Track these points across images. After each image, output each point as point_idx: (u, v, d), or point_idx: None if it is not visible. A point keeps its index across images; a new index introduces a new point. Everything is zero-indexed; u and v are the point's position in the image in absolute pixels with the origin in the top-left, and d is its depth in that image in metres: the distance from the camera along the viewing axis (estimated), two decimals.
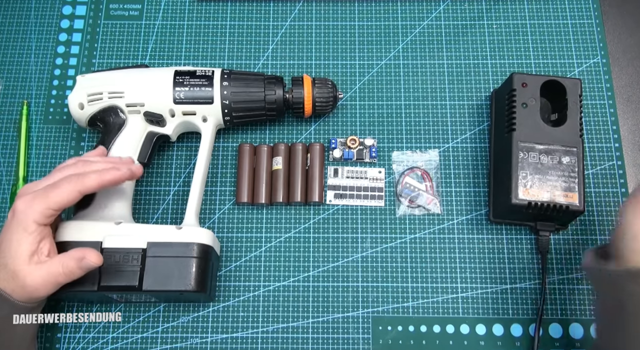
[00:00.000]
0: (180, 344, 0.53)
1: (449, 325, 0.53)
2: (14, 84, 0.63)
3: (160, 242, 0.48)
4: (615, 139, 0.60)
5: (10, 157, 0.60)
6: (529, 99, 0.54)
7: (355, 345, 0.53)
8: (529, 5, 0.66)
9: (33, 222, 0.43)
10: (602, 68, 0.63)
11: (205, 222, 0.57)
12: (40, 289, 0.44)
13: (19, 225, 0.43)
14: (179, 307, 0.54)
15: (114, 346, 0.53)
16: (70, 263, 0.44)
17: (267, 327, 0.53)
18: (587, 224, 0.56)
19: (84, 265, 0.44)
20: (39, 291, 0.44)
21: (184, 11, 0.66)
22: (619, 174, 0.58)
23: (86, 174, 0.45)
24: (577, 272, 0.55)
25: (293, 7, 0.66)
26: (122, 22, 0.66)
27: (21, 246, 0.43)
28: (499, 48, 0.64)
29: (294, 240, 0.56)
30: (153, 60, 0.64)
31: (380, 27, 0.65)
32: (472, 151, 0.60)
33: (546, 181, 0.52)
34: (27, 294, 0.44)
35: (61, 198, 0.44)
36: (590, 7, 0.65)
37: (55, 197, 0.43)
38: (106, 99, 0.53)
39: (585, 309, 0.53)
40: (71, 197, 0.44)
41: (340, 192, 0.58)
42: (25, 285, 0.43)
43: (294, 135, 0.60)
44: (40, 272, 0.43)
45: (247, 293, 0.54)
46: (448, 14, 0.66)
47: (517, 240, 0.56)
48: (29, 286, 0.43)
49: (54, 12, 0.66)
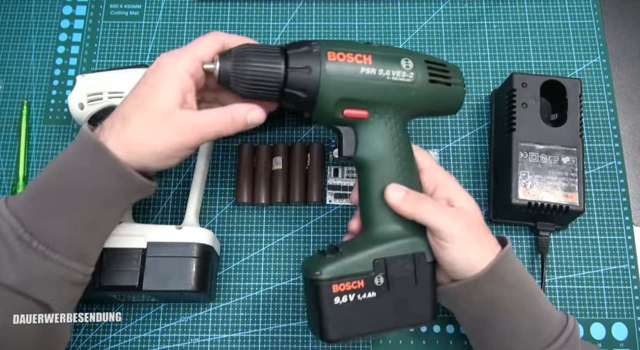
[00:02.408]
0: (180, 344, 0.53)
1: (449, 325, 0.53)
2: (14, 84, 0.63)
3: (160, 242, 0.48)
4: (615, 139, 0.60)
5: (10, 157, 0.60)
6: (529, 99, 0.54)
7: (355, 345, 0.52)
8: (529, 5, 0.66)
9: (183, 69, 0.40)
10: (602, 68, 0.63)
11: (205, 222, 0.57)
12: (189, 136, 0.40)
13: (166, 70, 0.40)
14: (179, 307, 0.54)
15: (114, 346, 0.53)
16: (238, 112, 0.42)
17: (267, 327, 0.53)
18: (587, 224, 0.56)
19: (249, 120, 0.42)
20: (186, 138, 0.40)
21: (184, 11, 0.66)
22: (619, 174, 0.58)
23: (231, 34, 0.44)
24: (577, 272, 0.55)
25: (293, 7, 0.66)
26: (122, 22, 0.66)
27: (172, 90, 0.40)
28: (499, 48, 0.64)
29: (294, 240, 0.56)
30: (153, 60, 0.63)
31: (380, 27, 0.65)
32: (472, 151, 0.60)
33: (546, 181, 0.52)
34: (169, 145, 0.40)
35: (204, 48, 0.42)
36: (590, 7, 0.65)
37: (200, 47, 0.42)
38: (106, 99, 0.53)
39: (585, 309, 0.53)
40: (215, 48, 0.42)
41: (340, 192, 0.58)
42: (176, 130, 0.40)
43: (294, 135, 0.60)
44: (195, 117, 0.40)
45: (247, 293, 0.54)
46: (448, 14, 0.66)
47: (517, 240, 0.56)
48: (178, 131, 0.40)
49: (54, 12, 0.66)
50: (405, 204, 0.42)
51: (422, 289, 0.43)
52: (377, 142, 0.43)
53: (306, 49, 0.42)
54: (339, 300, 0.41)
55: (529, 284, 0.44)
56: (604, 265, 0.55)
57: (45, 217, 0.38)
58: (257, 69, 0.41)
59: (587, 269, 0.55)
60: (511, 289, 0.43)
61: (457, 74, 0.45)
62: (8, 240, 0.37)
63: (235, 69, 0.41)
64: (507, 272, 0.43)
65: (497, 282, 0.42)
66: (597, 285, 0.54)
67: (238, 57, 0.41)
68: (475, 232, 0.43)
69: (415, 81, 0.43)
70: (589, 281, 0.54)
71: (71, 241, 0.39)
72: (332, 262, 0.41)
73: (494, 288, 0.42)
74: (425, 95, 0.44)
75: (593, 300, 0.54)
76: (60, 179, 0.39)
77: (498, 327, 0.43)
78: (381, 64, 0.42)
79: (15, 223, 0.37)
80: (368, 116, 0.43)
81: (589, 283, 0.54)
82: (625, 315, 0.53)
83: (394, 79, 0.42)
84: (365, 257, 0.42)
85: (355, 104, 0.43)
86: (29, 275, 0.37)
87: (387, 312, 0.42)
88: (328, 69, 0.41)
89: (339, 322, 0.41)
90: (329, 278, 0.41)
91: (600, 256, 0.55)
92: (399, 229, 0.43)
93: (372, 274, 0.42)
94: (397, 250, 0.42)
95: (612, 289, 0.54)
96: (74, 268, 0.39)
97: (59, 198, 0.39)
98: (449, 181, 0.46)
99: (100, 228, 0.41)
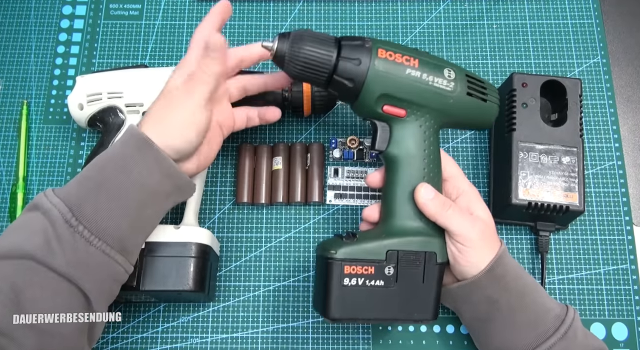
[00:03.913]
0: (180, 344, 0.53)
1: (449, 325, 0.53)
2: (14, 84, 0.63)
3: (158, 242, 0.48)
4: (615, 139, 0.60)
5: (10, 157, 0.60)
6: (529, 99, 0.54)
7: (355, 345, 0.52)
8: (529, 5, 0.66)
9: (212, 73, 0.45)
10: (602, 68, 0.62)
11: (205, 222, 0.57)
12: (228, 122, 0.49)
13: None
14: (179, 307, 0.54)
15: (114, 346, 0.53)
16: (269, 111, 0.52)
17: (267, 327, 0.53)
18: (587, 224, 0.56)
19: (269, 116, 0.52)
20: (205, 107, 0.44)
21: (184, 11, 0.66)
22: (619, 174, 0.58)
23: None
24: (577, 272, 0.55)
25: (293, 7, 0.66)
26: (122, 22, 0.66)
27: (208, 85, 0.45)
28: (499, 48, 0.64)
29: (294, 240, 0.56)
30: (153, 60, 0.64)
31: (380, 27, 0.65)
32: (472, 151, 0.60)
33: (546, 181, 0.52)
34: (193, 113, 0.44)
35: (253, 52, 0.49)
36: (590, 7, 0.65)
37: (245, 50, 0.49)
38: (105, 99, 0.53)
39: (585, 309, 0.53)
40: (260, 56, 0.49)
41: (340, 192, 0.58)
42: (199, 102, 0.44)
43: (294, 135, 0.60)
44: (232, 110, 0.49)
45: (247, 293, 0.54)
46: (448, 14, 0.66)
47: (517, 240, 0.56)
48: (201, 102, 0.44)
49: (54, 12, 0.66)
50: (433, 205, 0.44)
51: (428, 286, 0.45)
52: (410, 141, 0.46)
53: (359, 42, 0.44)
54: (348, 281, 0.43)
55: (525, 282, 0.46)
56: (604, 265, 0.55)
57: (92, 206, 0.40)
58: (310, 52, 0.43)
59: (587, 269, 0.55)
60: (509, 287, 0.45)
61: (493, 93, 0.48)
62: (56, 223, 0.38)
63: (292, 50, 0.43)
64: (505, 271, 0.45)
65: (496, 281, 0.44)
66: (597, 285, 0.54)
67: (295, 39, 0.44)
68: (488, 240, 0.45)
69: (454, 91, 0.45)
70: (589, 281, 0.54)
71: (115, 232, 0.40)
72: (348, 244, 0.44)
73: (492, 287, 0.44)
74: (461, 106, 0.46)
75: (593, 300, 0.54)
76: (106, 171, 0.41)
77: (497, 325, 0.45)
78: (426, 69, 0.44)
79: (64, 208, 0.39)
80: (405, 115, 0.45)
81: (589, 283, 0.54)
82: (625, 315, 0.53)
83: (435, 85, 0.45)
84: (379, 246, 0.44)
85: (395, 101, 0.45)
86: (74, 258, 0.38)
87: (391, 302, 0.44)
88: (377, 64, 0.44)
89: (343, 302, 0.43)
90: (342, 258, 0.43)
91: (600, 256, 0.55)
92: (416, 226, 0.45)
93: (384, 263, 0.44)
94: (410, 245, 0.44)
95: (612, 289, 0.54)
96: (115, 259, 0.41)
97: (105, 190, 0.40)
98: (472, 192, 0.48)
99: (141, 226, 0.43)
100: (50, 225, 0.39)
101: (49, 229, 0.38)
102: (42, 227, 0.39)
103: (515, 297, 0.45)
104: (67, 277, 0.38)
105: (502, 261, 0.45)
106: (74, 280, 0.39)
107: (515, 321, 0.44)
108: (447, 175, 0.48)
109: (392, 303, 0.44)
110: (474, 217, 0.46)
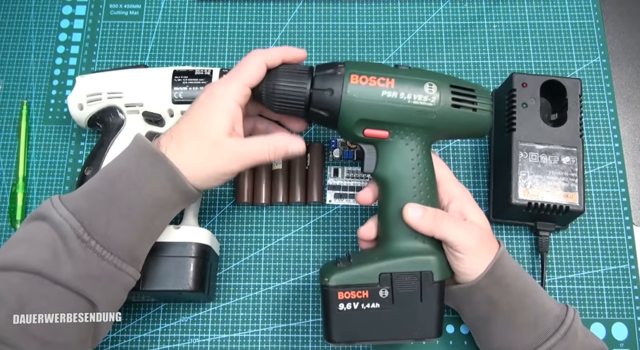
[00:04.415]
0: (180, 344, 0.53)
1: (449, 325, 0.53)
2: (14, 84, 0.63)
3: (158, 242, 0.48)
4: (615, 139, 0.60)
5: (10, 157, 0.60)
6: (529, 99, 0.54)
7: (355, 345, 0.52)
8: (529, 5, 0.66)
9: (232, 100, 0.43)
10: (602, 68, 0.62)
11: (205, 222, 0.57)
12: (234, 163, 0.44)
13: (218, 102, 0.43)
14: (179, 307, 0.54)
15: (114, 346, 0.53)
16: (280, 143, 0.45)
17: (267, 327, 0.53)
18: (587, 224, 0.56)
19: (290, 151, 0.46)
20: (232, 165, 0.44)
21: (184, 11, 0.66)
22: (619, 174, 0.58)
23: (269, 48, 0.46)
24: (577, 272, 0.55)
25: (293, 7, 0.66)
26: (122, 22, 0.66)
27: (223, 121, 0.43)
28: (499, 48, 0.64)
29: (294, 240, 0.56)
30: (153, 60, 0.64)
31: (380, 27, 0.65)
32: (472, 151, 0.60)
33: (546, 181, 0.52)
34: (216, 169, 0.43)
35: (251, 71, 0.44)
36: (590, 7, 0.65)
37: (245, 73, 0.44)
38: (105, 100, 0.53)
39: (585, 309, 0.53)
40: (259, 70, 0.45)
41: (340, 192, 0.58)
42: (224, 157, 0.43)
43: None
44: (241, 146, 0.44)
45: (247, 293, 0.54)
46: (448, 14, 0.65)
47: (517, 240, 0.56)
48: (226, 158, 0.43)
49: (54, 12, 0.66)
50: (424, 222, 0.44)
51: (427, 306, 0.44)
52: (397, 161, 0.45)
53: (331, 71, 0.44)
54: (344, 306, 0.43)
55: (525, 282, 0.46)
56: (604, 265, 0.55)
57: (104, 221, 0.40)
58: (285, 88, 0.44)
59: (587, 269, 0.55)
60: (509, 288, 0.45)
61: (485, 99, 0.45)
62: (68, 238, 0.38)
63: (267, 87, 0.45)
64: (504, 272, 0.45)
65: (496, 283, 0.44)
66: (597, 285, 0.54)
67: (270, 76, 0.45)
68: (487, 245, 0.45)
69: (437, 105, 0.44)
70: (589, 281, 0.54)
71: (126, 245, 0.41)
72: (341, 270, 0.44)
73: (493, 289, 0.44)
74: (447, 119, 0.44)
75: (593, 300, 0.54)
76: (117, 187, 0.41)
77: (497, 325, 0.45)
78: (404, 88, 0.44)
79: (76, 223, 0.39)
80: (389, 136, 0.45)
81: (589, 283, 0.54)
82: (625, 315, 0.53)
83: (414, 102, 0.44)
84: (372, 270, 0.44)
85: (375, 124, 0.44)
86: (85, 272, 0.38)
87: (390, 323, 0.44)
88: (350, 91, 0.43)
89: (342, 327, 0.44)
90: (335, 285, 0.43)
91: (600, 256, 0.55)
92: (411, 247, 0.45)
93: (377, 287, 0.43)
94: (404, 267, 0.44)
95: (612, 289, 0.54)
96: (126, 271, 0.41)
97: (117, 205, 0.40)
98: (464, 195, 0.47)
99: (150, 235, 0.43)
100: (59, 239, 0.39)
101: (58, 242, 0.38)
102: (51, 240, 0.39)
103: (515, 298, 0.45)
104: (75, 290, 0.38)
105: (502, 262, 0.45)
106: (83, 293, 0.39)
107: (515, 322, 0.44)
108: (437, 180, 0.47)
109: (391, 324, 0.44)
110: (469, 224, 0.45)
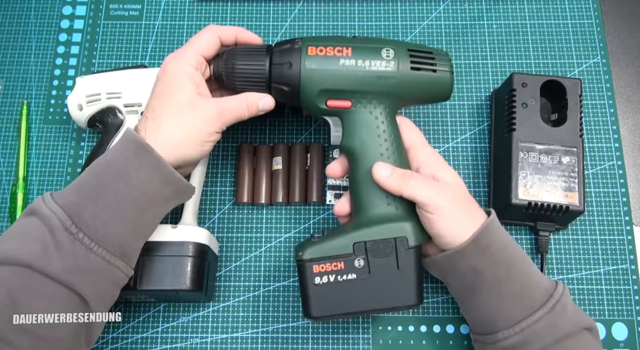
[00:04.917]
0: (180, 344, 0.53)
1: (449, 325, 0.53)
2: (14, 84, 0.63)
3: (156, 241, 0.48)
4: (615, 139, 0.60)
5: (10, 157, 0.60)
6: (529, 99, 0.54)
7: (355, 345, 0.52)
8: (529, 5, 0.66)
9: (187, 64, 0.44)
10: (602, 68, 0.62)
11: (205, 222, 0.57)
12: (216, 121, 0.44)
13: (175, 69, 0.44)
14: (179, 307, 0.54)
15: (114, 346, 0.53)
16: (252, 99, 0.46)
17: (267, 327, 0.53)
18: (587, 224, 0.56)
19: (261, 106, 0.46)
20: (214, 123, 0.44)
21: (184, 11, 0.66)
22: (619, 174, 0.58)
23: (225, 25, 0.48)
24: (577, 272, 0.55)
25: (293, 7, 0.66)
26: (122, 22, 0.66)
27: (187, 83, 0.44)
28: (499, 48, 0.64)
29: (294, 240, 0.56)
30: (153, 60, 0.64)
31: (380, 27, 0.65)
32: (472, 151, 0.60)
33: (546, 181, 0.52)
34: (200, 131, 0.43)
35: (204, 41, 0.45)
36: (590, 7, 0.65)
37: (197, 43, 0.45)
38: (104, 100, 0.53)
39: (585, 309, 0.53)
40: (212, 41, 0.46)
41: (340, 192, 0.58)
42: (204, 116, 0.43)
43: (294, 135, 0.60)
44: (219, 102, 0.44)
45: (247, 293, 0.54)
46: (448, 14, 0.65)
47: (517, 240, 0.56)
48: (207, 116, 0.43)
49: (54, 12, 0.66)
50: (391, 180, 0.44)
51: (404, 273, 0.44)
52: (362, 131, 0.45)
53: (288, 46, 0.45)
54: (320, 280, 0.43)
55: (512, 253, 0.45)
56: (604, 265, 0.55)
57: (91, 213, 0.40)
58: (244, 67, 0.46)
59: (587, 269, 0.55)
60: (495, 258, 0.43)
61: (444, 61, 0.46)
62: (55, 231, 0.38)
63: (227, 67, 0.46)
64: (490, 242, 0.43)
65: (481, 252, 0.43)
66: (597, 285, 0.54)
67: (228, 58, 0.46)
68: (462, 205, 0.44)
69: (396, 70, 0.45)
70: (589, 281, 0.54)
71: (115, 238, 0.40)
72: (314, 244, 0.44)
73: (477, 258, 0.43)
74: (408, 83, 0.45)
75: (593, 300, 0.54)
76: (105, 178, 0.41)
77: (483, 296, 0.44)
78: (360, 55, 0.44)
79: (63, 215, 0.39)
80: (352, 106, 0.45)
81: (589, 283, 0.54)
82: (625, 315, 0.53)
83: (373, 68, 0.44)
84: (346, 240, 0.44)
85: (337, 94, 0.45)
86: (73, 264, 0.38)
87: (368, 293, 0.44)
88: (307, 63, 0.44)
89: (320, 301, 0.44)
90: (309, 259, 0.44)
91: (600, 256, 0.55)
92: (384, 213, 0.45)
93: (352, 257, 0.43)
94: (377, 234, 0.44)
95: (612, 289, 0.54)
96: (116, 265, 0.41)
97: (104, 196, 0.40)
98: (434, 158, 0.47)
99: (141, 230, 0.43)
100: (48, 232, 0.39)
101: (47, 236, 0.38)
102: (40, 234, 0.39)
103: (501, 268, 0.43)
104: (64, 283, 0.38)
105: (489, 232, 0.43)
106: (73, 287, 0.39)
107: (500, 292, 0.43)
108: (408, 145, 0.47)
109: (369, 294, 0.44)
110: (440, 184, 0.44)
